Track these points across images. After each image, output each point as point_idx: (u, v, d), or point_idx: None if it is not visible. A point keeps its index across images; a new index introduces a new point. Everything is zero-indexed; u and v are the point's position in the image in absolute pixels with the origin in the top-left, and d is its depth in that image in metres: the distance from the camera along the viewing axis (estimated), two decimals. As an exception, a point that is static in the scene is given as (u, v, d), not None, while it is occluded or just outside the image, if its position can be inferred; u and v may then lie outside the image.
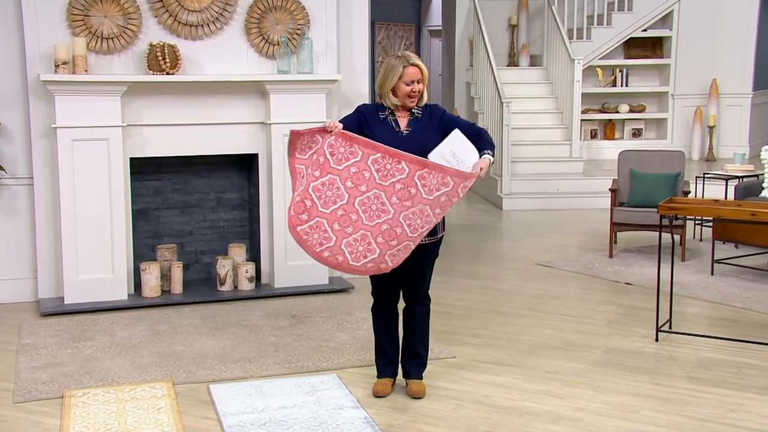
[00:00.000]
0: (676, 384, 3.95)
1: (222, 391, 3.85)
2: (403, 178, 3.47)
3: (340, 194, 3.50)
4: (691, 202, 4.82)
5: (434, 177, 3.46)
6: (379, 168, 3.48)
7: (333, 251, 3.52)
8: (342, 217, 3.50)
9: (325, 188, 3.50)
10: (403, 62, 3.58)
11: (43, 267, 5.25)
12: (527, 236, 7.47)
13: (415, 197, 3.47)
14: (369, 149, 3.49)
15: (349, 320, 4.93)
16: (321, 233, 3.51)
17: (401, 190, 3.47)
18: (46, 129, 5.12)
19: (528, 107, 10.01)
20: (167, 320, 4.95)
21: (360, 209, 3.50)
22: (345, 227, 3.50)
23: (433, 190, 3.47)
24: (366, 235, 3.50)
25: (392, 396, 3.81)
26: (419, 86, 3.59)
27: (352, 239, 3.50)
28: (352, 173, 3.49)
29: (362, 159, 3.49)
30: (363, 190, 3.49)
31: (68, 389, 3.86)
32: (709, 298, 5.41)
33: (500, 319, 4.98)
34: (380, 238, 3.50)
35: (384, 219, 3.49)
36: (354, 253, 3.51)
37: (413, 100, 3.61)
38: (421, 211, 3.48)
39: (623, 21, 10.62)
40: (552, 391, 3.87)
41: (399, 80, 3.59)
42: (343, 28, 5.76)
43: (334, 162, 3.50)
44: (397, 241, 3.50)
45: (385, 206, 3.49)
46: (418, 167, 3.47)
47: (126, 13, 5.18)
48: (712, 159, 10.38)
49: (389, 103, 3.64)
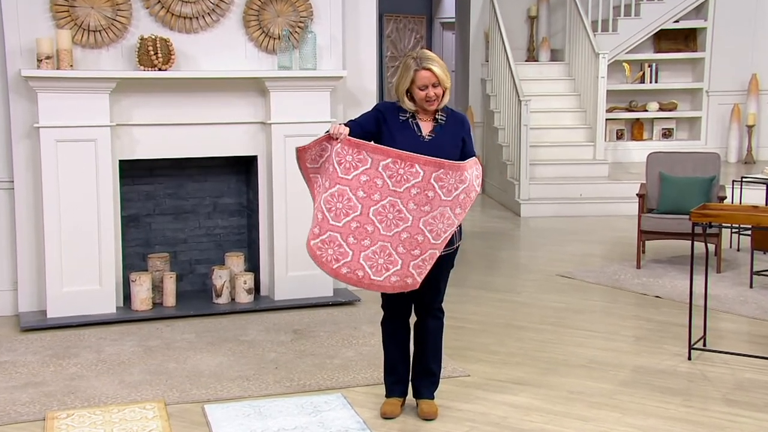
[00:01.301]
0: (710, 407, 3.94)
1: (218, 411, 3.87)
2: (418, 182, 3.49)
3: (352, 205, 3.51)
4: (727, 209, 4.82)
5: (452, 176, 3.49)
6: (392, 174, 3.50)
7: (351, 267, 3.52)
8: (357, 229, 3.51)
9: (335, 200, 3.52)
10: (415, 65, 3.59)
11: (24, 278, 5.28)
12: (547, 245, 7.47)
13: (434, 201, 3.49)
14: (378, 155, 3.51)
15: (355, 335, 4.94)
16: (335, 248, 3.52)
17: (418, 194, 3.49)
18: (28, 129, 5.16)
19: (548, 106, 10.02)
20: (159, 335, 4.97)
21: (375, 219, 3.51)
22: (361, 240, 3.51)
23: (452, 190, 3.50)
24: (385, 247, 3.51)
25: (401, 417, 3.81)
26: (435, 90, 3.59)
27: (371, 252, 3.52)
28: (363, 182, 3.51)
29: (372, 166, 3.51)
30: (376, 198, 3.50)
31: (51, 411, 3.87)
32: (747, 313, 5.40)
33: (518, 335, 4.99)
34: (401, 248, 3.51)
35: (403, 227, 3.51)
36: (374, 267, 3.52)
37: (432, 104, 3.62)
38: (442, 214, 3.50)
39: (653, 11, 10.62)
40: (574, 413, 3.87)
41: (412, 84, 3.60)
42: (348, 21, 5.78)
43: (342, 171, 3.51)
44: (419, 250, 3.51)
45: (402, 213, 3.50)
46: (434, 169, 3.49)
47: (115, 4, 5.21)
48: (750, 161, 10.36)
49: (407, 106, 3.65)
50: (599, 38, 10.25)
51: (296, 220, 5.48)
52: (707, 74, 10.74)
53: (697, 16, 10.82)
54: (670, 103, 10.91)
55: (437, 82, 3.58)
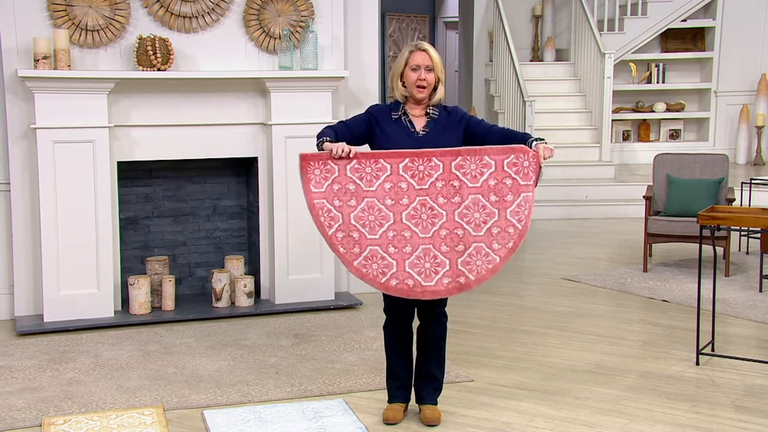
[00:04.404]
0: (719, 413, 3.94)
1: (218, 417, 3.87)
2: (441, 174, 3.54)
3: (383, 215, 3.55)
4: (736, 211, 4.82)
5: (472, 162, 3.54)
6: (414, 173, 3.54)
7: (399, 277, 3.55)
8: (395, 237, 3.55)
9: (366, 214, 3.55)
10: (411, 47, 3.64)
11: (21, 281, 5.28)
12: (552, 248, 7.47)
13: (462, 190, 3.54)
14: (395, 158, 3.55)
15: (357, 339, 4.95)
16: (379, 262, 3.55)
17: (444, 187, 3.54)
18: (25, 130, 5.17)
19: (553, 106, 10.03)
20: (157, 339, 4.97)
21: (410, 223, 3.55)
22: (402, 248, 3.55)
23: (477, 176, 3.54)
24: (428, 249, 3.55)
25: (404, 423, 3.81)
26: (428, 75, 3.62)
27: (415, 258, 3.55)
28: (388, 190, 3.55)
29: (392, 171, 3.55)
30: (405, 203, 3.55)
31: (47, 416, 3.87)
32: (756, 317, 5.40)
33: (523, 339, 4.99)
34: (444, 246, 3.55)
35: (439, 224, 3.55)
36: (423, 273, 3.54)
37: (422, 91, 3.63)
38: (474, 202, 3.54)
39: (660, 10, 10.63)
40: (580, 419, 3.87)
41: (406, 66, 3.63)
42: (350, 20, 5.79)
43: (366, 185, 3.55)
44: (463, 245, 3.54)
45: (435, 210, 3.55)
46: (452, 157, 3.54)
47: (113, 3, 5.22)
48: (760, 163, 10.36)
49: (398, 93, 3.67)
50: (605, 38, 10.26)
51: (297, 222, 5.48)
52: (715, 74, 10.75)
53: (705, 15, 10.82)
54: (677, 104, 10.91)
55: (431, 65, 3.61)
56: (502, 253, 3.57)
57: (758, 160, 10.38)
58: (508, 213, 3.58)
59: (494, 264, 3.57)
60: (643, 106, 10.92)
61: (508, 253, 3.58)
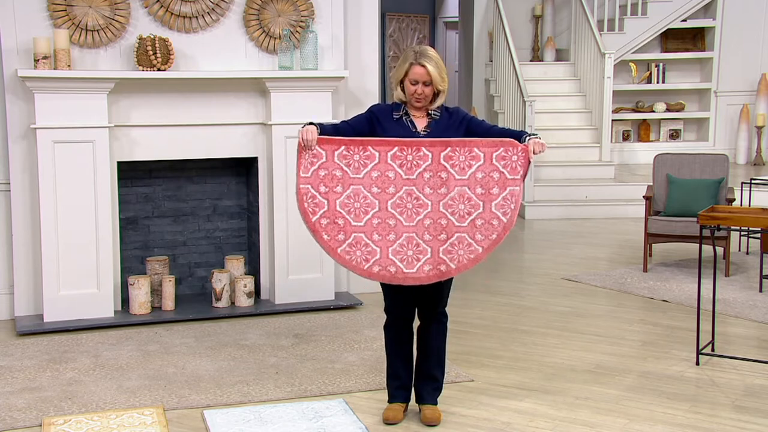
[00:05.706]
0: (719, 413, 3.94)
1: (217, 417, 3.87)
2: (429, 165, 3.57)
3: (369, 203, 3.58)
4: (736, 211, 4.82)
5: (461, 153, 3.57)
6: (402, 162, 3.57)
7: (382, 264, 3.58)
8: (379, 225, 3.58)
9: (352, 201, 3.58)
10: (413, 58, 3.62)
11: (21, 281, 5.29)
12: (552, 248, 7.47)
13: (449, 181, 3.57)
14: (383, 146, 3.58)
15: (357, 339, 4.95)
16: (363, 248, 3.58)
17: (431, 178, 3.57)
18: (25, 130, 5.17)
19: (553, 106, 10.03)
20: (157, 340, 4.98)
21: (395, 212, 3.58)
22: (386, 235, 3.58)
23: (465, 169, 3.57)
24: (411, 237, 3.58)
25: (404, 423, 3.82)
26: (425, 90, 3.62)
27: (398, 245, 3.58)
28: (375, 178, 3.57)
29: (380, 160, 3.57)
30: (392, 192, 3.58)
31: (47, 417, 3.88)
32: (756, 317, 5.40)
33: (523, 339, 4.99)
34: (426, 235, 3.58)
35: (424, 214, 3.58)
36: (405, 260, 3.58)
37: (419, 101, 3.65)
38: (460, 194, 3.57)
39: (660, 10, 10.63)
40: (580, 419, 3.87)
41: (405, 76, 3.64)
42: (350, 20, 5.80)
43: (353, 172, 3.58)
44: (445, 234, 3.57)
45: (420, 200, 3.58)
46: (441, 148, 3.57)
47: (113, 3, 5.23)
48: (760, 163, 10.36)
49: (398, 95, 3.68)
50: (605, 38, 10.26)
51: (297, 222, 5.47)
52: (716, 74, 10.75)
53: (705, 15, 10.83)
54: (677, 104, 10.91)
55: (429, 81, 3.61)
56: (485, 244, 3.59)
57: (758, 160, 10.39)
58: (493, 206, 3.60)
59: (476, 254, 3.60)
60: (643, 106, 10.92)
61: (491, 244, 3.60)
